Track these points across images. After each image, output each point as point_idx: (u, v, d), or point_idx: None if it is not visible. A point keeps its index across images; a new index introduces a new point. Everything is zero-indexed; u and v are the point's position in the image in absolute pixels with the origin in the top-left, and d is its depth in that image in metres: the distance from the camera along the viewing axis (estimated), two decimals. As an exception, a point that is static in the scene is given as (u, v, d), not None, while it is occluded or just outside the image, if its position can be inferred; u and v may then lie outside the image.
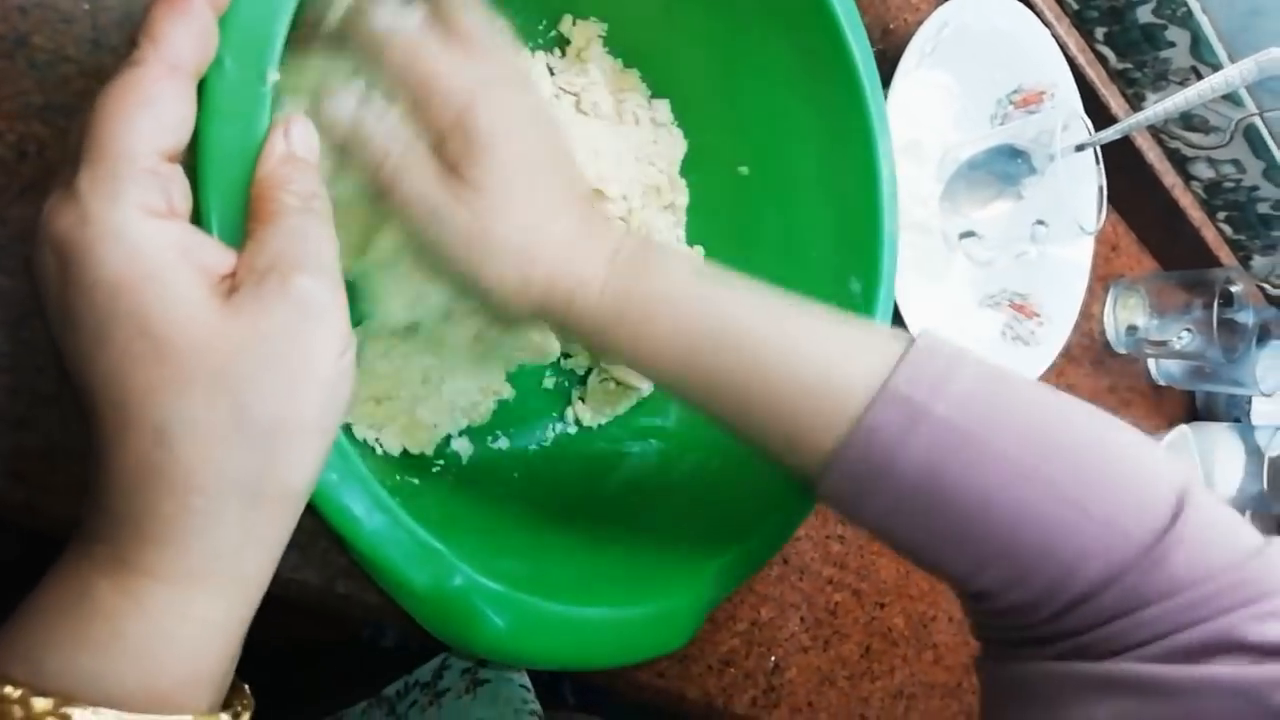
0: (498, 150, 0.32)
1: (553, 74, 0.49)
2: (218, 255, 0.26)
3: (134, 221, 0.23)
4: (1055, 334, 0.71)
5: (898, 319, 0.56)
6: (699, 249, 0.53)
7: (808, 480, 0.34)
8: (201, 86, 0.26)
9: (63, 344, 0.25)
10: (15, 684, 0.22)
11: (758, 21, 0.46)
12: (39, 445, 0.33)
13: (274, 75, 0.27)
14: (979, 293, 0.70)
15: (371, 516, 0.29)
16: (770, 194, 0.50)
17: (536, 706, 0.39)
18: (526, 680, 0.39)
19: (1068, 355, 0.78)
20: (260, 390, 0.24)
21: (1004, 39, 0.66)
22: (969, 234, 0.65)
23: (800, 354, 0.33)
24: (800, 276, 0.44)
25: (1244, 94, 0.76)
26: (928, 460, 0.31)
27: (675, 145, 0.52)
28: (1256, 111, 0.78)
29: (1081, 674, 0.31)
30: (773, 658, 0.59)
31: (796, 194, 0.49)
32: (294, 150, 0.28)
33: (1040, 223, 0.62)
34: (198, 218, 0.26)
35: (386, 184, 0.32)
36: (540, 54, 0.48)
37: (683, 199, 0.53)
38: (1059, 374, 0.80)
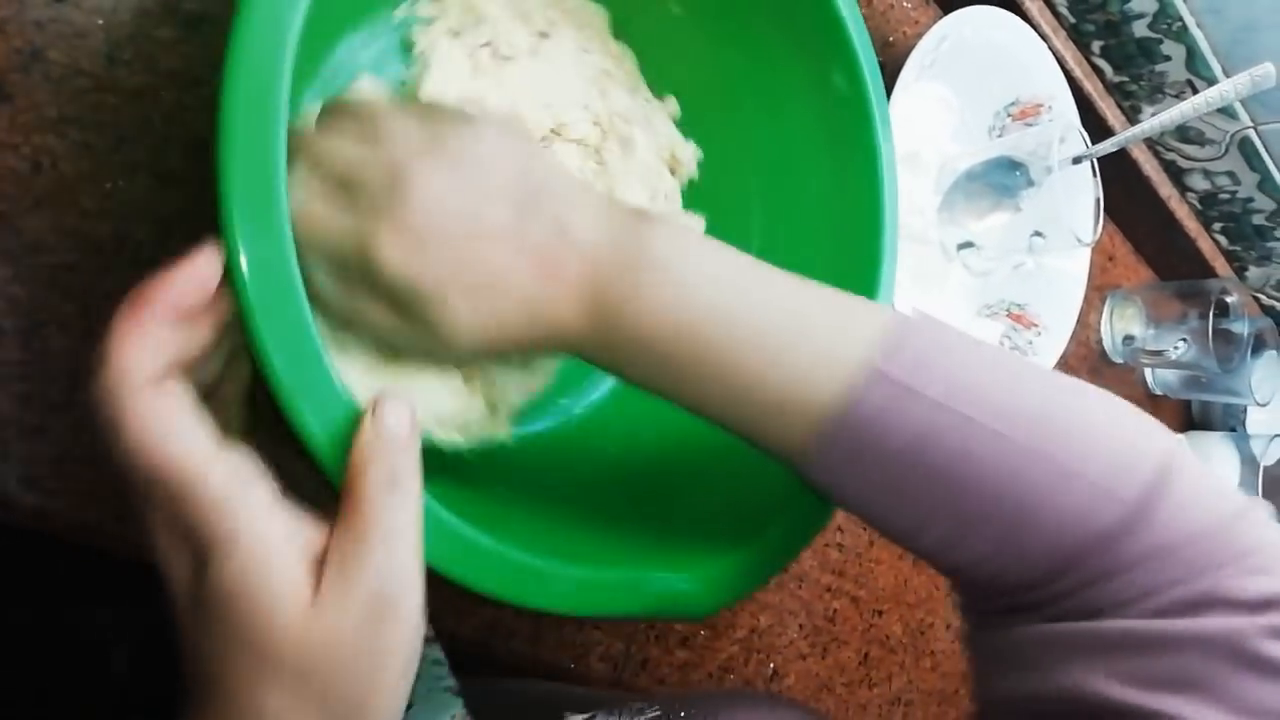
0: (418, 290, 0.32)
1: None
2: (313, 536, 0.28)
3: (258, 522, 0.26)
4: (1053, 344, 0.72)
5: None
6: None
7: (789, 462, 0.35)
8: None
9: (185, 627, 0.27)
10: None
11: (771, 45, 0.47)
12: (51, 452, 0.34)
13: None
14: (977, 303, 0.71)
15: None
16: (774, 211, 0.51)
17: (452, 682, 0.39)
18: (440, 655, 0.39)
19: (1065, 365, 0.79)
20: (346, 684, 0.26)
21: (1002, 52, 0.67)
22: (967, 245, 0.66)
23: (788, 345, 0.33)
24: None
25: (1239, 107, 0.77)
26: (914, 437, 0.32)
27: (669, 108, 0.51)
28: (1251, 125, 0.78)
29: (1074, 634, 0.31)
30: (771, 665, 0.60)
31: (800, 211, 0.49)
32: (383, 430, 0.29)
33: (1038, 234, 0.63)
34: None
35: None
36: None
37: (688, 154, 0.51)
38: (1056, 383, 0.81)
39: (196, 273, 0.27)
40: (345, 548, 0.27)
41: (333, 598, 0.26)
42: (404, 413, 0.30)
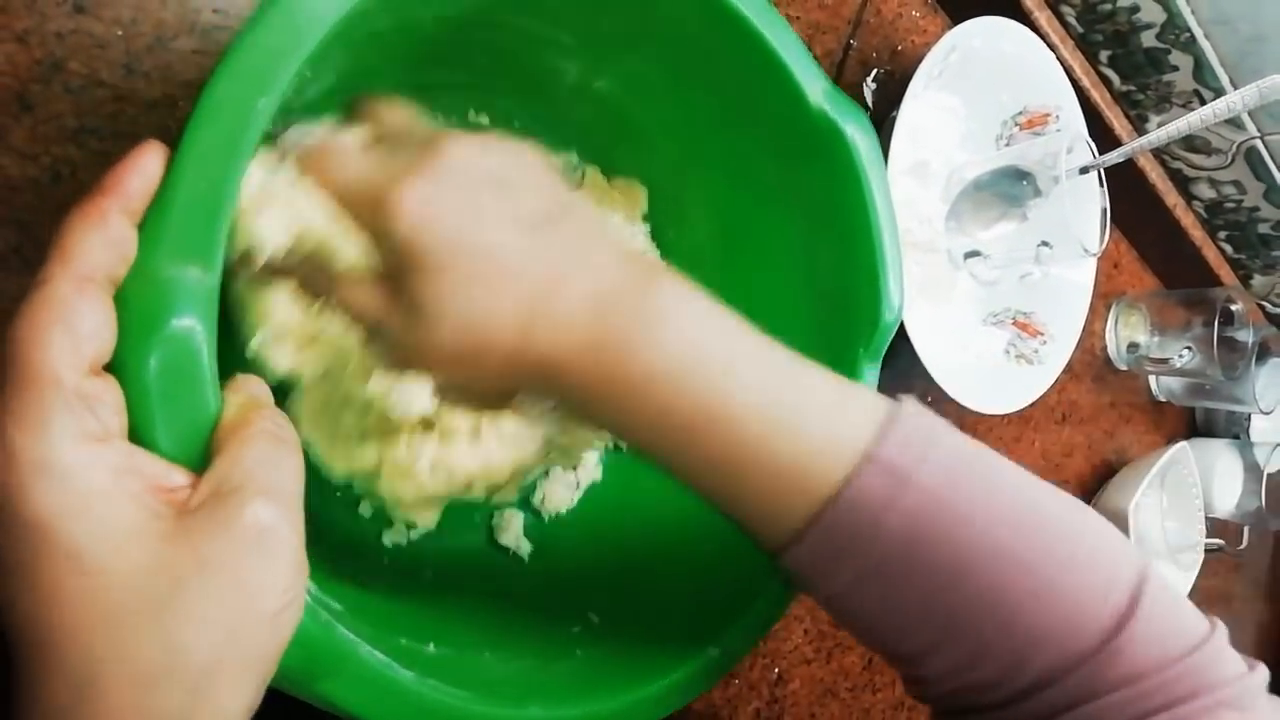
0: (422, 247, 0.29)
1: None
2: (157, 471, 0.24)
3: (64, 454, 0.22)
4: (1058, 352, 0.72)
5: (904, 337, 0.57)
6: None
7: (774, 548, 0.33)
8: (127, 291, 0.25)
9: None
10: None
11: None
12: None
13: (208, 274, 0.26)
14: (983, 311, 0.71)
15: None
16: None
17: None
18: None
19: (1070, 371, 0.79)
20: (200, 627, 0.22)
21: (1010, 62, 0.67)
22: (974, 254, 0.66)
23: (786, 424, 0.31)
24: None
25: (1245, 117, 0.77)
26: (908, 529, 0.31)
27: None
28: (1258, 135, 0.79)
29: None
30: (776, 669, 0.60)
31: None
32: (257, 393, 0.28)
33: (1044, 244, 0.63)
34: (145, 427, 0.25)
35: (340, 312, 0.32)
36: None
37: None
38: (1061, 390, 0.81)
39: (143, 166, 0.26)
40: (228, 482, 0.24)
41: (203, 523, 0.23)
42: (265, 387, 0.29)
